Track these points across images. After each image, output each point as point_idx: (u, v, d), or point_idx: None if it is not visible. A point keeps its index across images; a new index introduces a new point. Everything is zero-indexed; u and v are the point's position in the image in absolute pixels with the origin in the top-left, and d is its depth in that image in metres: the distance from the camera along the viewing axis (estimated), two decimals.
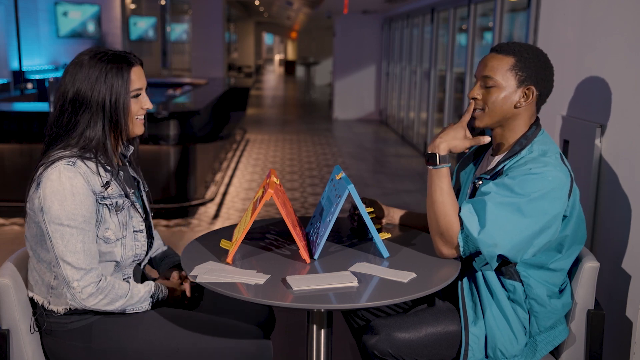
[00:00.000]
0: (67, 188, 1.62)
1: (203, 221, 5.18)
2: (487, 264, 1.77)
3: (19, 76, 9.98)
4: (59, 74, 11.25)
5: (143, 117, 1.81)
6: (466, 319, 1.81)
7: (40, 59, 11.49)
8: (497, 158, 1.86)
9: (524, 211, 1.67)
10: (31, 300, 1.77)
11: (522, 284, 1.79)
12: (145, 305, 1.76)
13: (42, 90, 8.83)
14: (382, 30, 12.69)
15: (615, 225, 2.17)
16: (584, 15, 2.45)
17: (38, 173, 1.66)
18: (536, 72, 1.79)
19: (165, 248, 2.07)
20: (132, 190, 1.82)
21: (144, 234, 1.81)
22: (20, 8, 10.05)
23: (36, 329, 1.76)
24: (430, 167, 1.80)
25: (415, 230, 2.10)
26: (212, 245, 1.91)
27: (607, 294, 2.18)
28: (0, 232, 4.76)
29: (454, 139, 1.80)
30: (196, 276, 1.66)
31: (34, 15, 11.16)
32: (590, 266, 1.85)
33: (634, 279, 2.05)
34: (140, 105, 1.77)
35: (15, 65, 10.31)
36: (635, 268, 2.05)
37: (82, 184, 1.64)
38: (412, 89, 9.78)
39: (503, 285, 1.80)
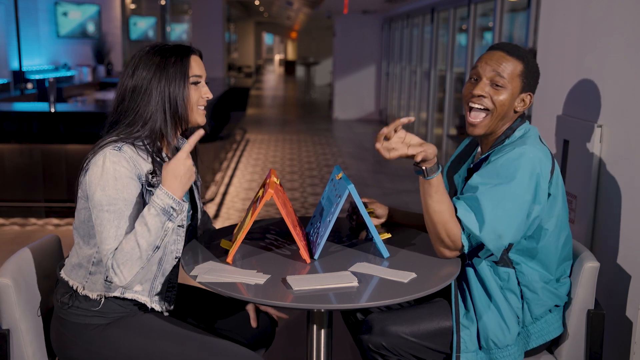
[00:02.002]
0: (110, 173, 1.61)
1: None
2: (491, 254, 1.80)
3: (19, 76, 9.97)
4: (59, 74, 11.25)
5: (204, 107, 1.80)
6: (457, 312, 1.82)
7: (40, 59, 11.49)
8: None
9: (514, 192, 1.69)
10: (61, 282, 1.76)
11: (515, 271, 1.82)
12: (171, 218, 1.59)
13: (42, 90, 8.83)
14: (382, 30, 12.69)
15: (615, 225, 2.17)
16: (584, 15, 2.45)
17: (87, 160, 1.67)
18: (535, 81, 1.84)
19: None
20: None
21: (184, 229, 1.79)
22: (20, 8, 10.05)
23: (41, 313, 1.76)
24: (421, 178, 1.75)
25: (415, 230, 2.10)
26: (212, 245, 1.91)
27: (607, 294, 2.18)
28: (0, 232, 4.76)
29: (424, 147, 1.69)
30: (196, 276, 1.66)
31: (34, 15, 11.16)
32: (590, 266, 1.85)
33: (634, 279, 2.05)
34: (200, 94, 1.76)
35: (15, 65, 10.31)
36: (635, 268, 2.05)
37: (125, 168, 1.62)
38: (412, 89, 9.78)
39: (497, 274, 1.82)
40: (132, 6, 15.75)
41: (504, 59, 1.80)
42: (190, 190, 1.90)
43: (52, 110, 5.23)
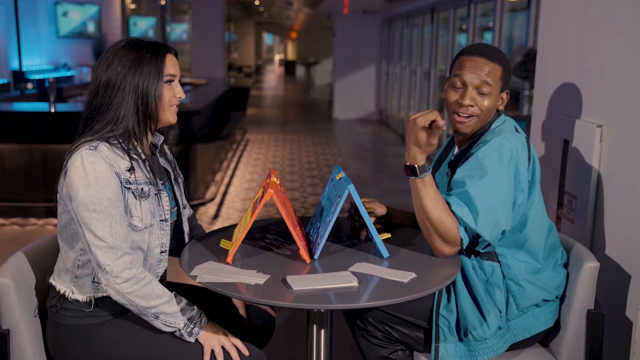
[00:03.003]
0: (90, 173, 1.61)
1: (203, 221, 5.18)
2: (488, 245, 1.83)
3: (19, 76, 9.98)
4: (59, 74, 11.25)
5: (176, 105, 1.80)
6: (439, 302, 1.87)
7: (40, 59, 11.49)
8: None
9: (498, 181, 1.74)
10: (51, 288, 1.77)
11: (500, 265, 1.85)
12: (179, 323, 1.67)
13: (42, 90, 8.83)
14: (382, 30, 12.69)
15: (615, 225, 2.17)
16: (584, 15, 2.45)
17: (64, 162, 1.67)
18: (510, 78, 1.90)
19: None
20: (162, 180, 1.82)
21: (169, 223, 1.79)
22: (20, 8, 10.05)
23: (37, 314, 1.77)
24: (413, 178, 1.79)
25: (416, 230, 2.10)
26: (212, 245, 1.91)
27: (607, 294, 2.18)
28: (0, 232, 4.76)
29: (422, 145, 1.75)
30: (196, 276, 1.66)
31: (34, 15, 11.16)
32: (590, 266, 1.85)
33: (634, 279, 2.05)
34: (174, 93, 1.77)
35: (15, 65, 10.31)
36: (635, 268, 2.05)
37: (104, 167, 1.63)
38: (412, 89, 9.78)
39: (481, 268, 1.85)
40: (132, 6, 15.75)
41: (486, 65, 1.84)
42: (172, 187, 1.90)
43: (52, 110, 5.23)
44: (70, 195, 1.63)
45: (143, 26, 15.85)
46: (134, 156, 1.72)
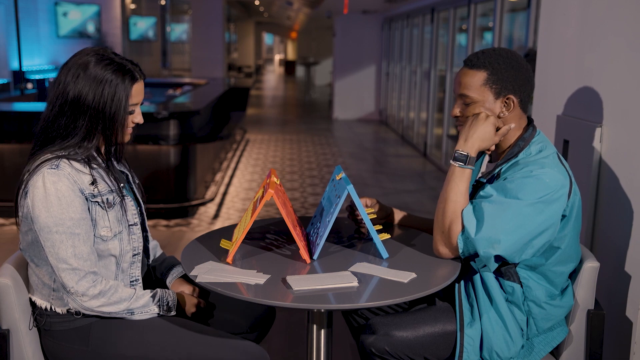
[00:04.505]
0: (52, 193, 1.61)
1: (203, 221, 5.18)
2: (485, 265, 1.78)
3: (19, 76, 9.98)
4: None
5: (132, 128, 1.82)
6: (462, 321, 1.81)
7: (40, 59, 11.49)
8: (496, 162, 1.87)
9: (523, 214, 1.68)
10: (32, 302, 1.77)
11: (522, 286, 1.79)
12: (154, 309, 1.75)
13: (42, 90, 8.84)
14: (382, 30, 12.69)
15: (615, 225, 2.17)
16: (584, 15, 2.45)
17: (25, 181, 1.67)
18: (512, 80, 1.77)
19: (165, 256, 2.06)
20: (122, 185, 1.83)
21: (139, 226, 1.82)
22: (20, 8, 10.05)
23: (35, 326, 1.77)
24: (456, 165, 1.79)
25: (415, 230, 2.10)
26: (212, 245, 1.91)
27: (607, 294, 2.18)
28: (0, 232, 4.76)
29: (485, 140, 1.78)
30: (196, 276, 1.66)
31: (34, 15, 11.16)
32: (590, 266, 1.85)
33: (634, 279, 2.05)
34: (132, 119, 1.79)
35: (15, 65, 10.31)
36: (635, 268, 2.05)
37: (66, 186, 1.63)
38: (412, 89, 9.78)
39: (502, 287, 1.80)
40: (132, 6, 15.74)
41: (465, 75, 1.80)
42: (132, 189, 1.92)
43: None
44: (32, 217, 1.64)
45: (143, 26, 15.84)
46: (95, 166, 1.73)
